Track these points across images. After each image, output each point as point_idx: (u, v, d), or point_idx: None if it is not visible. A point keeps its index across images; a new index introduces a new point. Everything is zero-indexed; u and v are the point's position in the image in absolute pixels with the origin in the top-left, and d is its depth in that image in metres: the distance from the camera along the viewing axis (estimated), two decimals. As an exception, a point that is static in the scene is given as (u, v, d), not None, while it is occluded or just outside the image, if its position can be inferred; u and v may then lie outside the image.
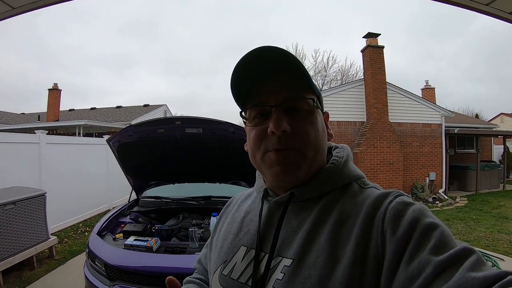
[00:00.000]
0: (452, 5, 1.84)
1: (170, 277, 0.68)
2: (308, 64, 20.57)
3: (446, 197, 9.96)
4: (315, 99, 0.63)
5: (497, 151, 15.61)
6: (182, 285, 0.77)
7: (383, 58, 9.83)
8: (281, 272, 0.56)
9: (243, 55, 0.60)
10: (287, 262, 0.57)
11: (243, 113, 0.68)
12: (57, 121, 15.25)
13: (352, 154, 0.72)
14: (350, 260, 0.50)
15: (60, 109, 16.87)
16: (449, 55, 73.07)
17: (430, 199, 9.55)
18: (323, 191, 0.63)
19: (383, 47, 9.87)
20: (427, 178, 10.29)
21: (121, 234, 2.77)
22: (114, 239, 2.68)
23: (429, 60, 69.55)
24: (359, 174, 0.66)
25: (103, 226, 2.88)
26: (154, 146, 3.09)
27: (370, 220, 0.53)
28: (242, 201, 0.82)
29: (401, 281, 0.44)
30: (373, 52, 9.71)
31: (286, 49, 0.60)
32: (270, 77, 0.63)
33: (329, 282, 0.50)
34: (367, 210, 0.55)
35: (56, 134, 10.79)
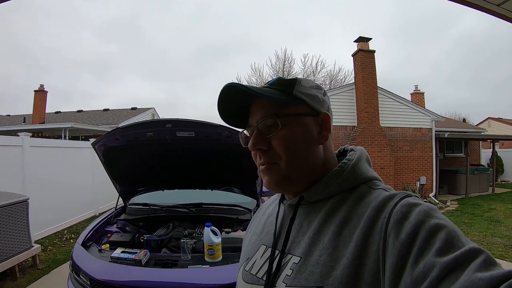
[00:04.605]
0: (465, 5, 1.74)
1: None
2: (297, 68, 20.59)
3: (437, 201, 9.99)
4: (280, 113, 0.65)
5: (485, 154, 15.89)
6: None
7: (374, 63, 9.85)
8: (290, 268, 0.61)
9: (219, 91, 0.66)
10: (295, 259, 0.61)
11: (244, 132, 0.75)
12: (43, 123, 14.86)
13: (367, 156, 0.74)
14: (349, 261, 0.52)
15: (46, 111, 16.47)
16: (431, 60, 73.74)
17: (421, 203, 9.50)
18: (330, 193, 0.65)
19: (374, 51, 9.89)
20: (418, 182, 10.32)
21: (108, 245, 2.60)
22: (100, 250, 2.50)
23: (410, 64, 70.46)
24: (371, 175, 0.67)
25: (88, 236, 2.70)
26: (142, 150, 2.93)
27: (373, 223, 0.54)
28: (269, 205, 0.88)
29: (407, 284, 0.44)
30: (364, 57, 9.71)
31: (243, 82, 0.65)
32: (253, 101, 0.69)
33: (329, 280, 0.53)
34: (371, 213, 0.55)
35: (42, 136, 10.52)
